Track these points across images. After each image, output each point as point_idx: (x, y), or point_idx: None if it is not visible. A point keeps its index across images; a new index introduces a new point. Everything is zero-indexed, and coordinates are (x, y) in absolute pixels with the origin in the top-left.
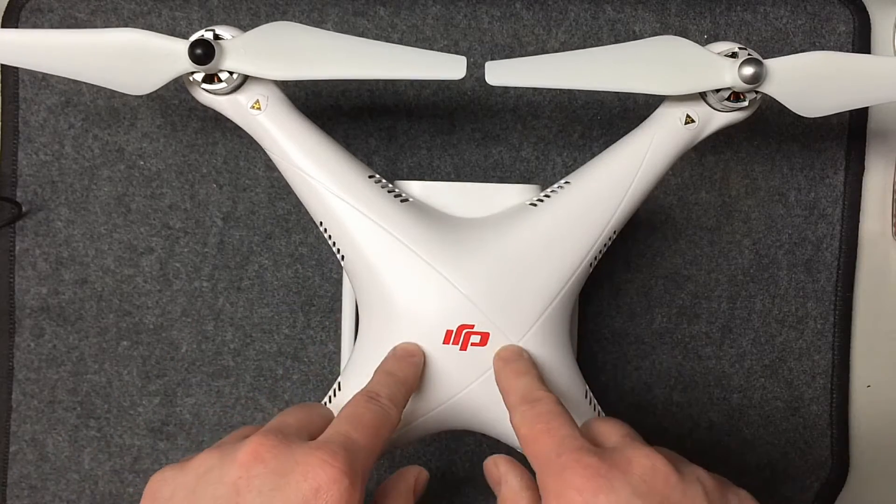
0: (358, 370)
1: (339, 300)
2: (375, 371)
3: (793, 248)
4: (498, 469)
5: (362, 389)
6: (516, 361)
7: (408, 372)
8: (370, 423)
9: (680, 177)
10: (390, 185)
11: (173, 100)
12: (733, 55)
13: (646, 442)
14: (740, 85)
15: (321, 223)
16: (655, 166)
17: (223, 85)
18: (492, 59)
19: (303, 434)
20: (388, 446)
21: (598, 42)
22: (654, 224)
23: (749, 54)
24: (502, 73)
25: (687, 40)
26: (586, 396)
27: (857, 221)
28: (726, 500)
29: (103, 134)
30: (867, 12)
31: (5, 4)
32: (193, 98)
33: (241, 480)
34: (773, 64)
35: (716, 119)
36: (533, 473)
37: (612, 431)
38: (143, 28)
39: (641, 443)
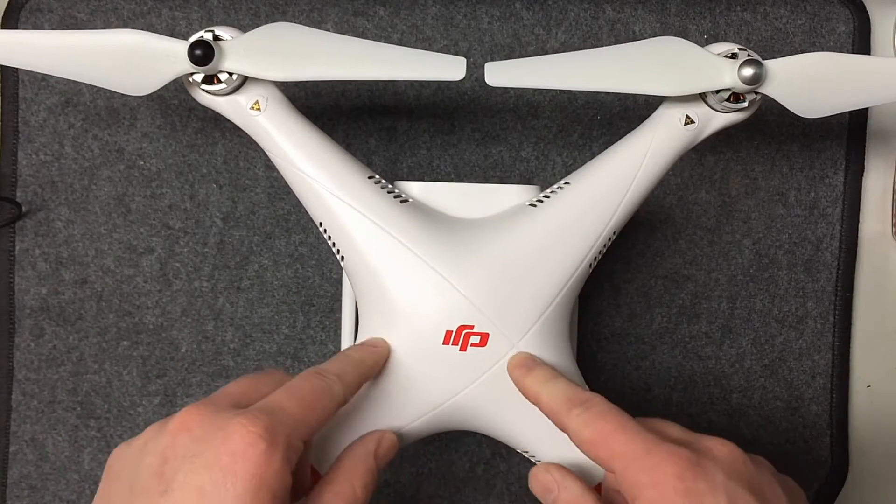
0: None
1: (339, 300)
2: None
3: (793, 248)
4: (552, 476)
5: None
6: (538, 367)
7: (364, 355)
8: (306, 395)
9: (680, 177)
10: (390, 186)
11: (173, 100)
12: (733, 56)
13: None
14: (740, 86)
15: (321, 224)
16: (655, 167)
17: (223, 86)
18: (492, 59)
19: (241, 403)
20: None
21: (598, 42)
22: (654, 224)
23: (749, 55)
24: (502, 74)
25: (686, 41)
26: None
27: (857, 221)
28: (787, 482)
29: (103, 134)
30: (867, 12)
31: (5, 4)
32: (193, 98)
33: (168, 449)
34: (772, 65)
35: (715, 120)
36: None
37: (668, 426)
38: (142, 28)
39: (705, 434)
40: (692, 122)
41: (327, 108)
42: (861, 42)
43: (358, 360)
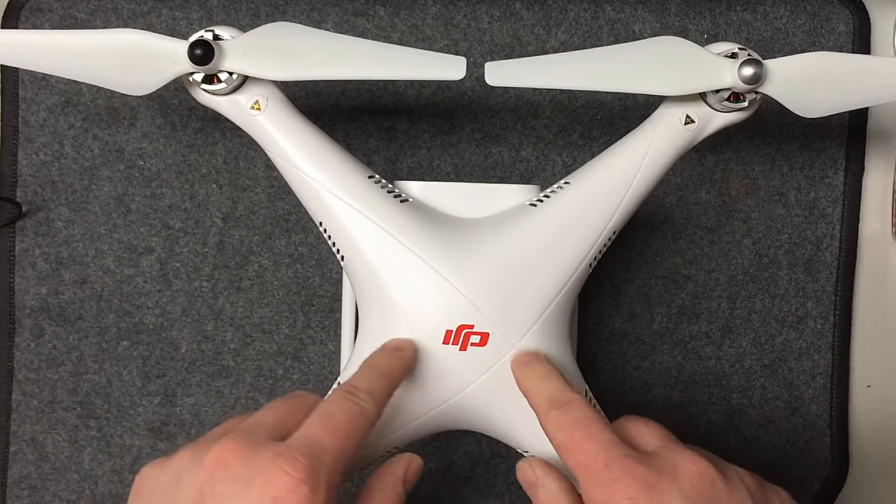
0: None
1: (339, 300)
2: (361, 364)
3: (793, 248)
4: (534, 472)
5: (343, 383)
6: (537, 363)
7: (392, 364)
8: (342, 423)
9: (680, 177)
10: (390, 186)
11: (173, 100)
12: (733, 55)
13: (683, 443)
14: (740, 85)
15: (321, 223)
16: (655, 167)
17: (223, 85)
18: (492, 59)
19: (277, 433)
20: (388, 447)
21: (598, 42)
22: (654, 224)
23: (749, 55)
24: (502, 74)
25: (686, 41)
26: (586, 396)
27: (857, 221)
28: (768, 500)
29: (103, 134)
30: (867, 12)
31: (5, 4)
32: (193, 98)
33: (206, 486)
34: (772, 64)
35: (715, 119)
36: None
37: (649, 433)
38: (142, 28)
39: (682, 445)
40: (692, 121)
41: (327, 108)
42: (861, 42)
43: (386, 371)
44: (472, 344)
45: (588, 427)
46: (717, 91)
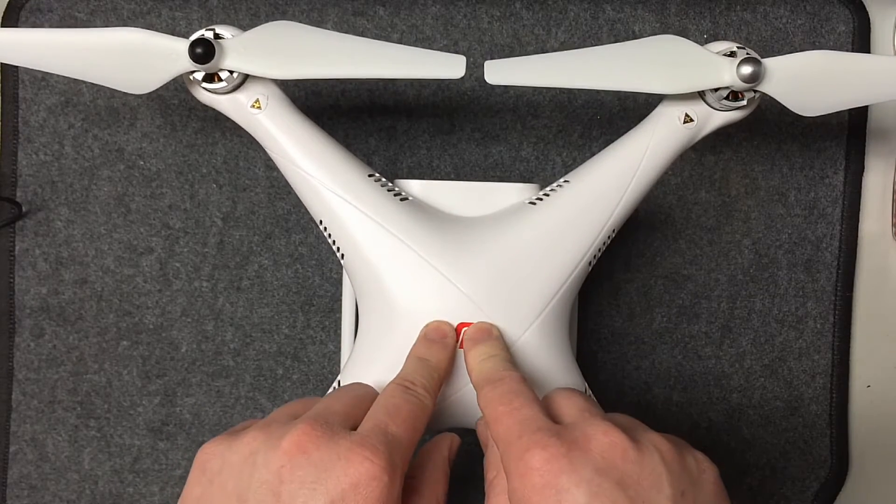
0: (357, 369)
1: (339, 300)
2: (408, 356)
3: (793, 247)
4: (487, 432)
5: (396, 377)
6: (484, 343)
7: (441, 356)
8: (408, 416)
9: (680, 177)
10: (390, 184)
11: (173, 100)
12: (732, 54)
13: (603, 413)
14: (739, 84)
15: (321, 222)
16: (654, 165)
17: (223, 84)
18: (491, 59)
19: (348, 421)
20: None
21: (598, 42)
22: (654, 224)
23: (748, 53)
24: (501, 73)
25: (685, 39)
26: (586, 395)
27: (857, 221)
28: (685, 465)
29: (103, 134)
30: (867, 12)
31: (5, 4)
32: (193, 98)
33: (285, 469)
34: (771, 63)
35: (715, 118)
36: None
37: (568, 405)
38: (142, 28)
39: (599, 417)
40: (691, 120)
41: (327, 108)
42: (861, 42)
43: (436, 365)
44: None
45: (511, 402)
46: (716, 90)
